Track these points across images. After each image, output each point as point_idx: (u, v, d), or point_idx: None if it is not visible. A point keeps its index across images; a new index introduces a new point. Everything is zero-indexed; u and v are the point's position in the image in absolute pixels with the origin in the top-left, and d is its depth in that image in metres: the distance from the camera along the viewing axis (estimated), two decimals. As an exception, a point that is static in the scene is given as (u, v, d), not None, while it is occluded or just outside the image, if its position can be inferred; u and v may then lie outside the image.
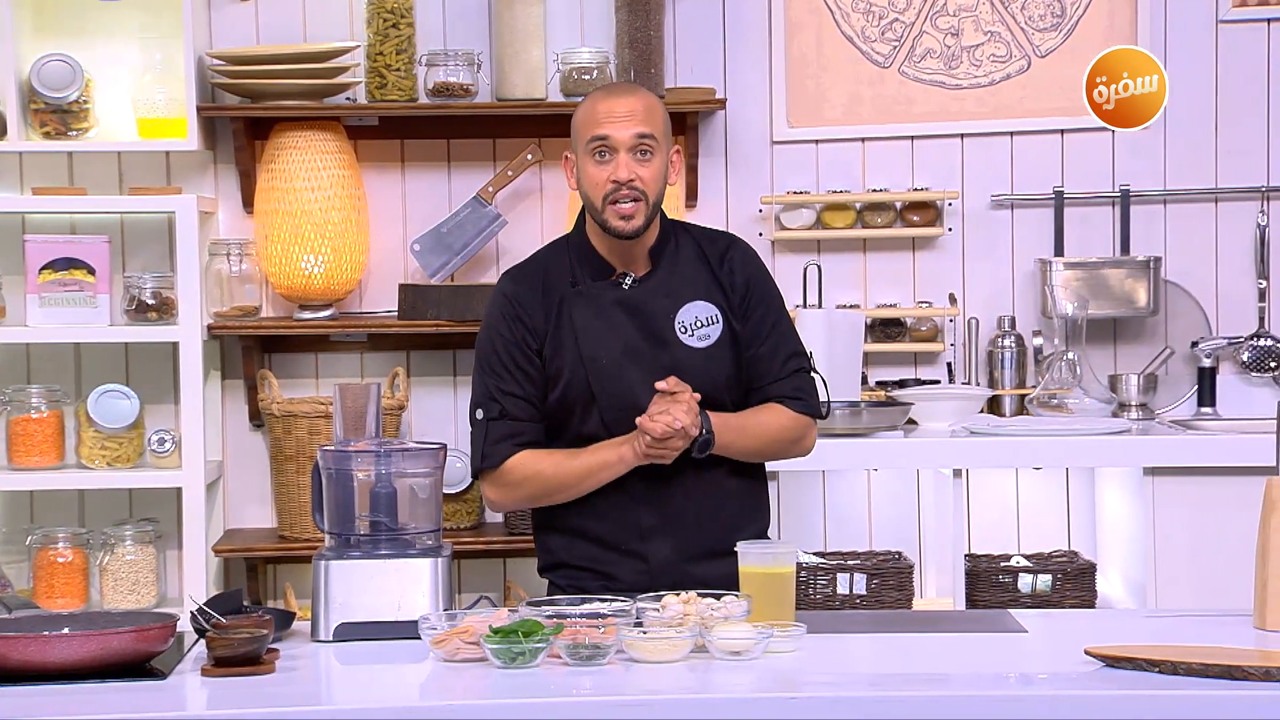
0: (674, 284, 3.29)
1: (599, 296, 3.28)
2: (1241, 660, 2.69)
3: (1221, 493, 4.37)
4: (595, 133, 3.22)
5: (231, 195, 4.87)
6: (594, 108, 3.24)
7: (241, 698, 2.67)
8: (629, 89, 3.28)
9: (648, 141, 3.21)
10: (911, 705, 2.64)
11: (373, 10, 4.74)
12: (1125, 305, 4.88)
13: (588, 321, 3.26)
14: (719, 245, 3.36)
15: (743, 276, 3.33)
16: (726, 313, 3.30)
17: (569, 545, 3.32)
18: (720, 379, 3.28)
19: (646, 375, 3.23)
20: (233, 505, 4.92)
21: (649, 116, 3.23)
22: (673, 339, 3.27)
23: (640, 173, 3.21)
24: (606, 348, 3.25)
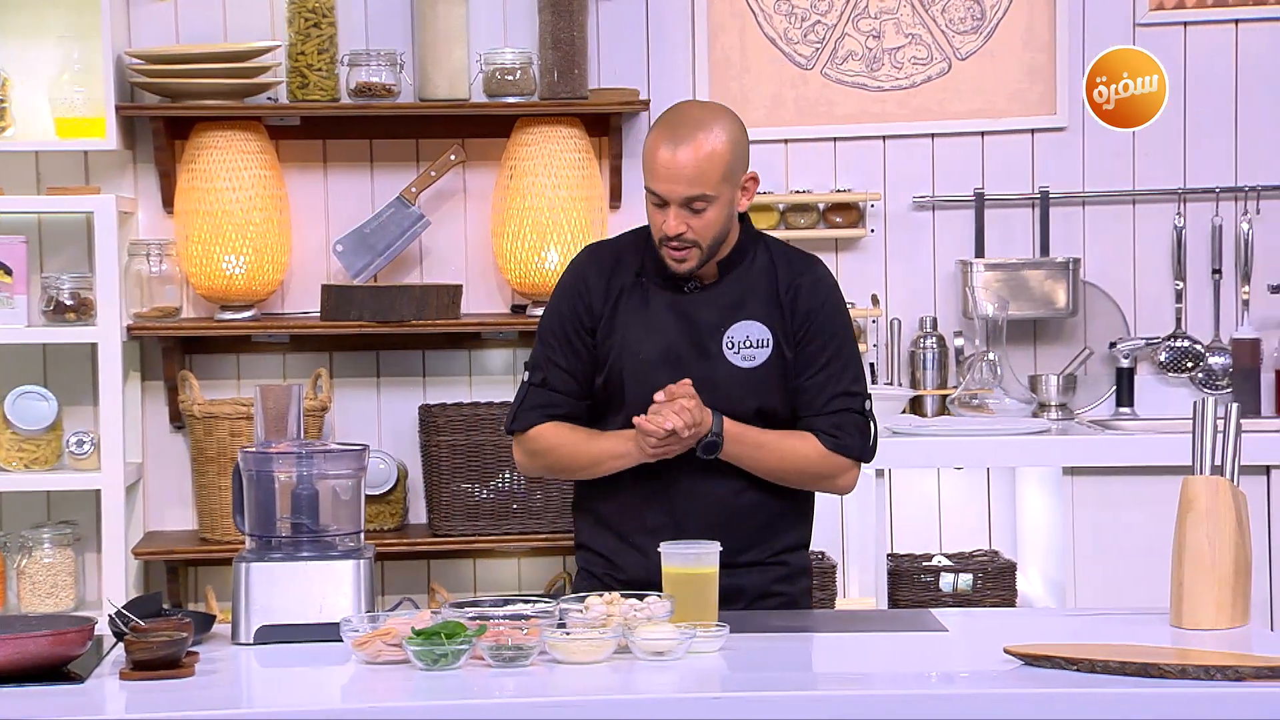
0: (733, 299, 3.29)
1: (655, 295, 3.30)
2: (1158, 658, 2.72)
3: (1139, 492, 4.42)
4: (649, 184, 3.21)
5: (151, 195, 4.83)
6: (655, 152, 3.19)
7: (160, 701, 2.66)
8: (690, 135, 3.17)
9: (698, 202, 3.18)
10: (833, 705, 2.66)
11: (294, 10, 4.72)
12: (1045, 306, 4.92)
13: (636, 317, 3.29)
14: (794, 267, 3.33)
15: (807, 304, 3.30)
16: (779, 336, 3.28)
17: (589, 529, 3.37)
18: (759, 403, 3.28)
19: (676, 380, 3.23)
20: (153, 507, 4.88)
21: (702, 175, 3.16)
22: (717, 353, 3.27)
23: (692, 224, 3.20)
24: (646, 347, 3.28)
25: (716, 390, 3.26)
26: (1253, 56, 4.97)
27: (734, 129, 3.23)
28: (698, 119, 3.21)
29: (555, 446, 3.31)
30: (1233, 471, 3.09)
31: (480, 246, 4.90)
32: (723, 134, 3.20)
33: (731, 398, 3.27)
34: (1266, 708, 2.61)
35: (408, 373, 4.92)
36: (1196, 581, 3.04)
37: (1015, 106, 4.98)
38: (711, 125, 3.19)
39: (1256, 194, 4.96)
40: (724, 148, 3.19)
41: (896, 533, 4.88)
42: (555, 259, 4.69)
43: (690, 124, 3.20)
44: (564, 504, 4.68)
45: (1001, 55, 4.97)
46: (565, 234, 4.69)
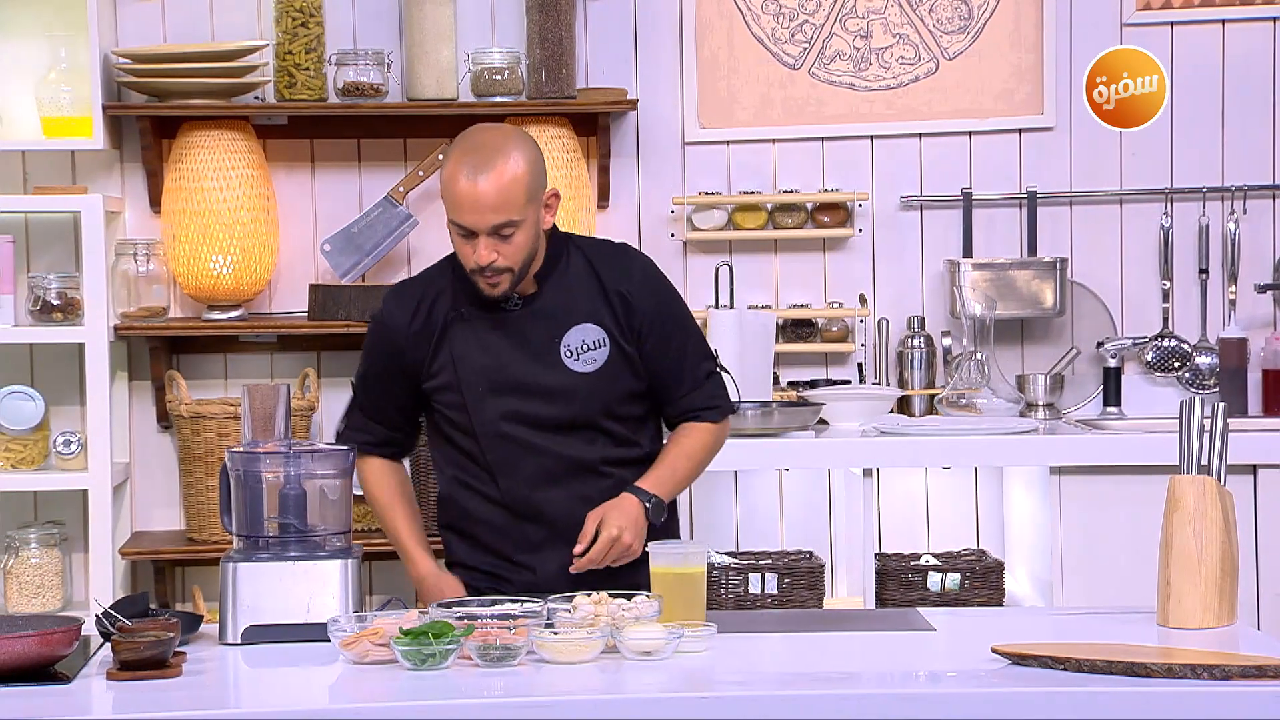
0: (560, 306, 3.28)
1: (479, 321, 3.28)
2: (1145, 657, 2.72)
3: (1126, 491, 4.42)
4: (454, 217, 3.18)
5: (138, 195, 4.82)
6: (456, 183, 3.15)
7: (147, 701, 2.65)
8: (489, 164, 3.14)
9: (506, 229, 3.16)
10: (821, 704, 2.66)
11: (281, 9, 4.71)
12: (1032, 306, 4.92)
13: (467, 349, 3.27)
14: (610, 260, 3.34)
15: (642, 300, 3.30)
16: (614, 334, 3.29)
17: (466, 547, 3.37)
18: (612, 400, 3.30)
19: (521, 399, 3.25)
20: (140, 507, 4.87)
21: (505, 202, 3.14)
22: (558, 363, 3.27)
23: (502, 250, 3.18)
24: (481, 373, 3.27)
25: (570, 401, 3.27)
26: (1240, 56, 4.98)
27: (530, 150, 3.20)
28: (493, 145, 3.17)
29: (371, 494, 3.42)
30: (1219, 471, 3.10)
31: (468, 246, 4.89)
32: (520, 158, 3.17)
33: (581, 404, 3.27)
34: (1252, 707, 2.62)
35: (395, 372, 4.90)
36: (1183, 581, 3.05)
37: (1002, 106, 4.99)
38: (508, 150, 3.16)
39: (1243, 194, 4.97)
40: (523, 171, 3.16)
41: (884, 532, 4.88)
42: (543, 259, 4.68)
43: (487, 151, 3.16)
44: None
45: (989, 55, 4.98)
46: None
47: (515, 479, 3.27)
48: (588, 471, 3.29)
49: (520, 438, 3.26)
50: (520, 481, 3.27)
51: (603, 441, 3.31)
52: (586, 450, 3.29)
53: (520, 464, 3.27)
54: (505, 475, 3.28)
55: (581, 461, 3.29)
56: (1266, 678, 2.66)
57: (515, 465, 3.27)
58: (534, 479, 3.27)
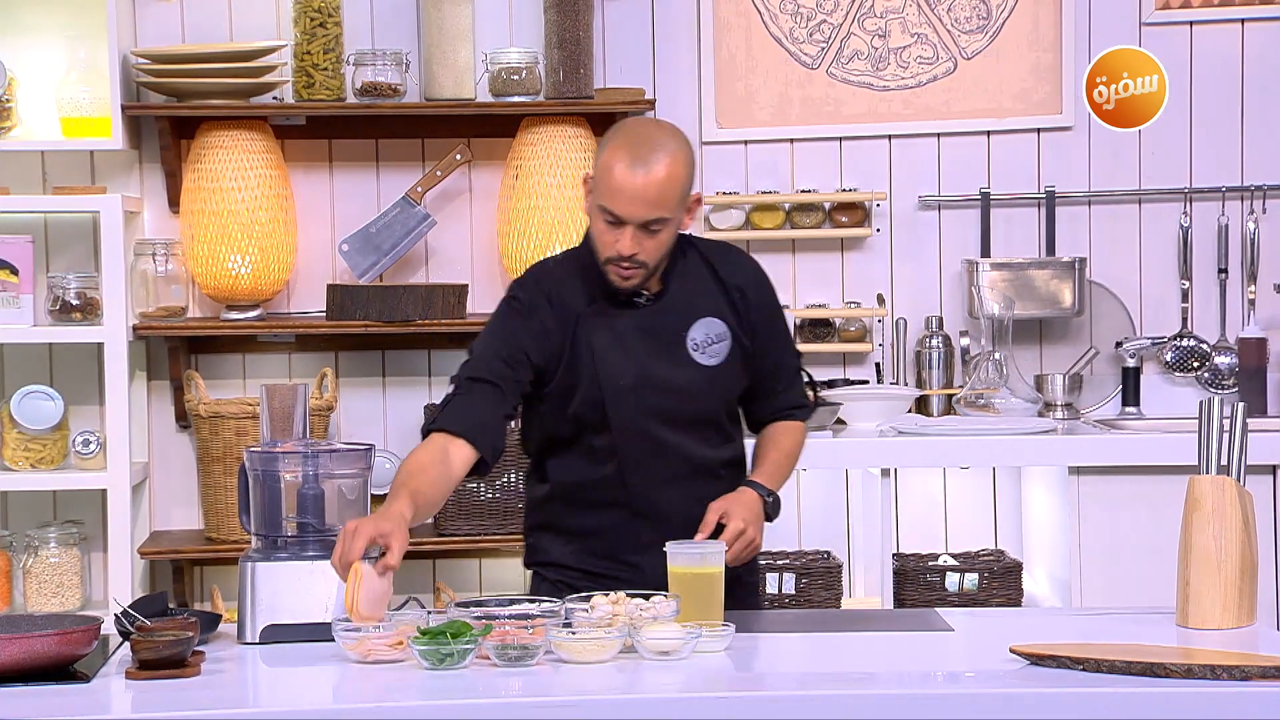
0: (686, 301, 3.32)
1: (616, 318, 3.29)
2: (1164, 658, 2.72)
3: (1145, 492, 4.41)
4: (606, 204, 3.18)
5: (157, 195, 4.83)
6: (612, 171, 3.16)
7: (166, 700, 2.66)
8: (651, 156, 3.16)
9: (655, 225, 3.19)
10: (839, 704, 2.65)
11: (299, 9, 4.72)
12: (1051, 306, 4.91)
13: (604, 343, 3.28)
14: (726, 257, 3.39)
15: (756, 297, 3.37)
16: (735, 328, 3.33)
17: (564, 547, 3.35)
18: (729, 394, 3.36)
19: (660, 395, 3.28)
20: (159, 507, 4.88)
21: (663, 196, 3.16)
22: (686, 358, 3.30)
23: (645, 245, 3.20)
24: (624, 373, 3.28)
25: (695, 395, 3.30)
26: (1258, 56, 4.97)
27: (688, 151, 3.23)
28: (658, 141, 3.19)
29: (409, 457, 3.21)
30: (1239, 471, 3.09)
31: (486, 246, 4.90)
32: (681, 157, 3.19)
33: (708, 399, 3.31)
34: (1272, 708, 2.61)
35: (413, 372, 4.92)
36: (1203, 581, 3.04)
37: (1021, 106, 4.98)
38: (672, 148, 3.19)
39: (1263, 193, 4.96)
40: (683, 171, 3.19)
41: (902, 532, 4.88)
42: (561, 258, 4.69)
43: (651, 145, 3.18)
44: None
45: (1007, 55, 4.97)
46: (570, 233, 4.70)
47: (642, 476, 3.28)
48: (707, 474, 3.33)
49: (656, 434, 3.28)
50: (647, 480, 3.28)
51: (718, 440, 3.35)
52: (707, 450, 3.33)
53: (652, 462, 3.29)
54: (633, 473, 3.28)
55: (703, 461, 3.32)
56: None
57: (647, 464, 3.29)
58: (660, 477, 3.29)
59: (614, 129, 3.26)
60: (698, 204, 3.31)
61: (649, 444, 3.29)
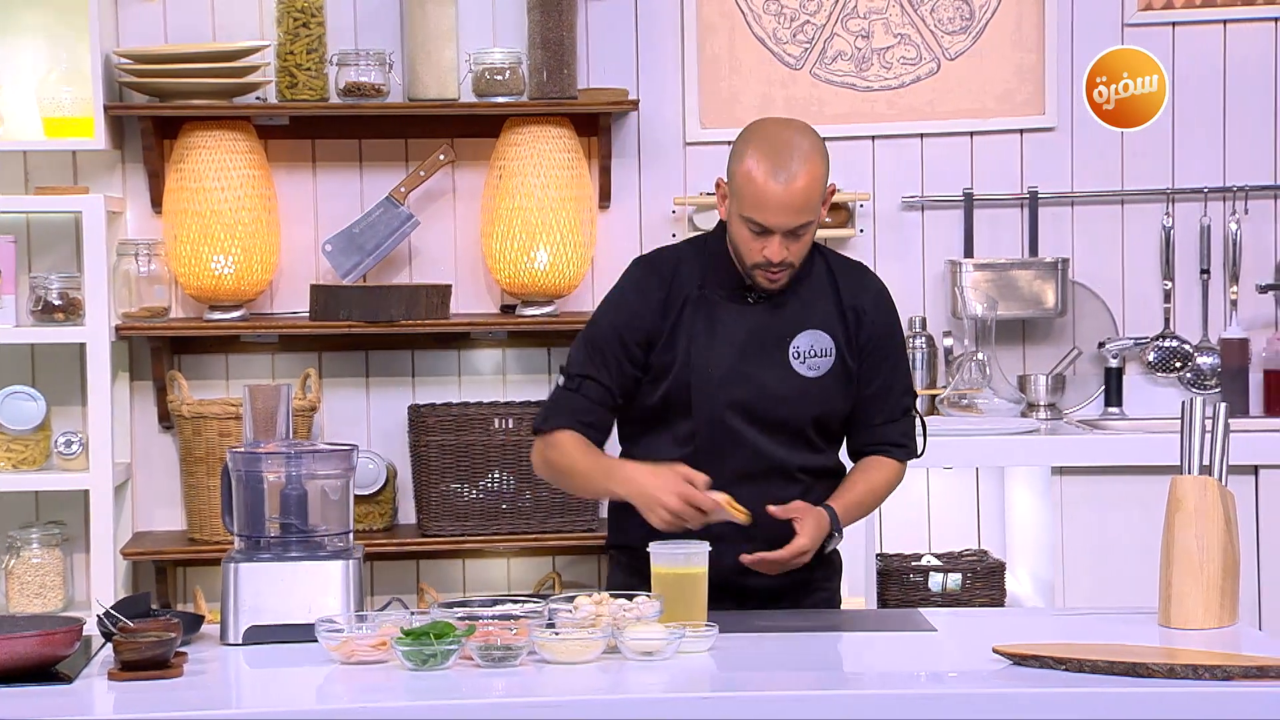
0: (798, 308, 3.32)
1: (721, 306, 3.30)
2: (1146, 658, 2.72)
3: (1128, 492, 4.42)
4: (753, 215, 3.18)
5: (140, 195, 4.82)
6: (762, 183, 3.16)
7: (149, 701, 2.65)
8: (799, 167, 3.16)
9: (802, 229, 3.20)
10: (823, 705, 2.66)
11: (282, 9, 4.71)
12: (1034, 306, 4.92)
13: (703, 329, 3.29)
14: (851, 274, 3.39)
15: (873, 317, 3.35)
16: (842, 346, 3.32)
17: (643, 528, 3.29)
18: (824, 410, 3.34)
19: (747, 392, 3.28)
20: (141, 508, 4.87)
21: (809, 201, 3.18)
22: (783, 363, 3.30)
23: (792, 248, 3.22)
24: (715, 359, 3.29)
25: (785, 403, 3.30)
26: (1241, 57, 4.98)
27: (823, 148, 3.25)
28: (798, 146, 3.19)
29: (565, 461, 3.31)
30: (1221, 471, 3.10)
31: (469, 246, 4.90)
32: (819, 159, 3.21)
33: (796, 407, 3.31)
34: (1254, 708, 2.62)
35: (397, 373, 4.91)
36: (1185, 581, 3.05)
37: (1004, 107, 4.99)
38: (810, 153, 3.20)
39: (1245, 194, 4.97)
40: (822, 171, 3.22)
41: (886, 533, 4.88)
42: (544, 259, 4.69)
43: (792, 152, 3.18)
44: (553, 504, 4.68)
45: (990, 55, 4.97)
46: (554, 234, 4.70)
47: (717, 469, 3.26)
48: (785, 475, 3.32)
49: (735, 429, 3.28)
50: (722, 472, 3.26)
51: (803, 448, 3.34)
52: (788, 454, 3.32)
53: (727, 455, 3.28)
54: (709, 464, 3.26)
55: (781, 464, 3.32)
56: (1268, 678, 2.66)
57: (722, 455, 3.28)
58: (735, 472, 3.27)
59: (747, 135, 3.25)
60: (832, 194, 3.30)
61: (727, 437, 3.29)
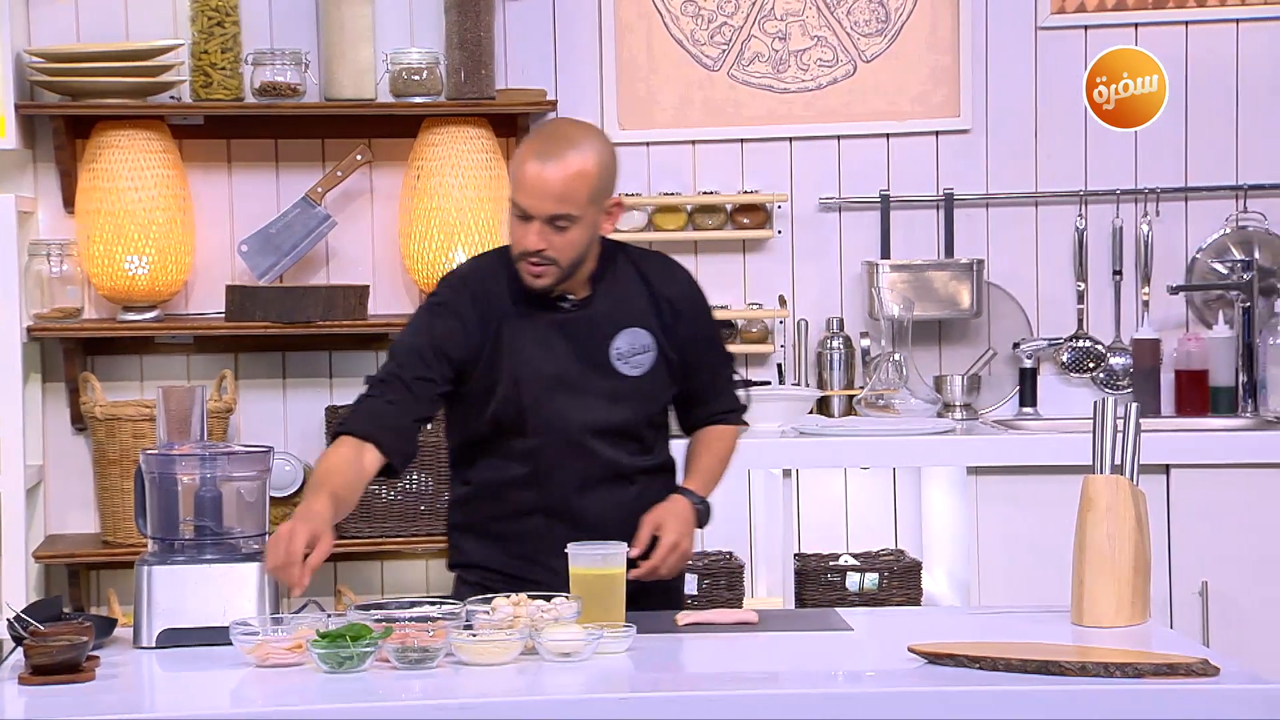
0: (612, 309, 3.32)
1: (539, 319, 3.28)
2: (1059, 655, 2.75)
3: (1042, 491, 4.46)
4: (515, 197, 3.19)
5: (51, 195, 4.77)
6: (525, 166, 3.18)
7: (60, 706, 2.63)
8: (561, 153, 3.17)
9: (562, 220, 3.17)
10: (740, 704, 2.67)
11: (196, 8, 4.68)
12: (949, 307, 4.96)
13: (525, 344, 3.27)
14: (659, 268, 3.41)
15: (681, 300, 3.38)
16: (661, 340, 3.34)
17: (484, 548, 3.35)
18: (654, 406, 3.37)
19: (579, 401, 3.28)
20: (54, 510, 4.82)
21: (567, 194, 3.16)
22: (608, 366, 3.31)
23: (553, 241, 3.19)
24: (542, 373, 3.27)
25: (619, 404, 3.30)
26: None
27: (605, 151, 3.23)
28: (570, 137, 3.21)
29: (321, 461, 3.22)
30: (1132, 470, 3.13)
31: (387, 247, 4.87)
32: (593, 155, 3.20)
33: (629, 408, 3.32)
34: (1165, 705, 2.64)
35: (314, 374, 4.89)
36: (1097, 579, 3.08)
37: (920, 109, 5.02)
38: (583, 145, 3.20)
39: (1156, 196, 5.03)
40: (593, 169, 3.19)
41: (803, 533, 4.90)
42: (463, 259, 4.67)
43: (562, 141, 3.20)
44: (471, 505, 4.67)
45: (906, 58, 5.01)
46: (472, 234, 4.69)
47: (559, 481, 3.28)
48: (623, 479, 3.34)
49: (574, 440, 3.28)
50: (564, 484, 3.29)
51: (637, 449, 3.36)
52: (626, 458, 3.34)
53: (568, 467, 3.29)
54: (550, 477, 3.28)
55: (619, 468, 3.33)
56: (1178, 675, 2.69)
57: (562, 468, 3.29)
58: (577, 483, 3.29)
59: (536, 126, 3.27)
60: (618, 208, 3.30)
61: (566, 448, 3.29)
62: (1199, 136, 5.03)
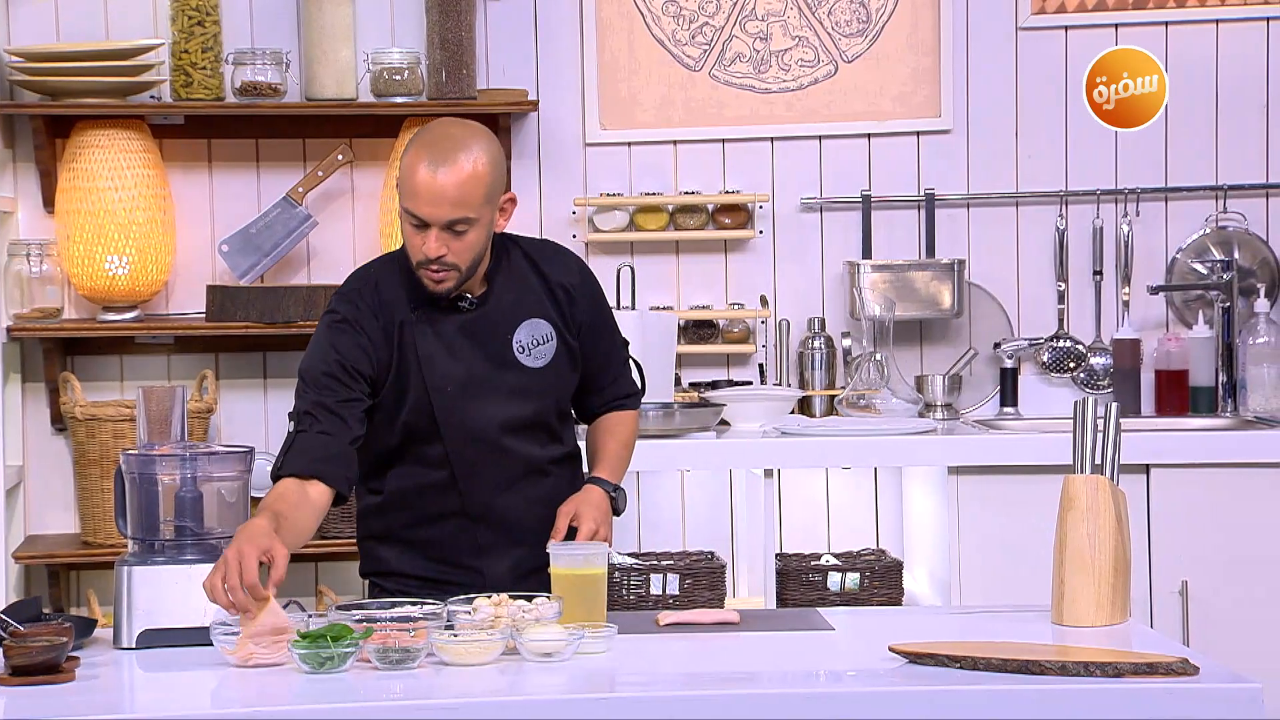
0: (510, 303, 3.30)
1: (440, 322, 3.25)
2: (1039, 655, 2.75)
3: (1023, 491, 4.47)
4: (409, 206, 3.14)
5: (31, 195, 4.76)
6: (414, 173, 3.12)
7: (40, 707, 2.62)
8: (452, 158, 3.11)
9: (460, 225, 3.14)
10: (721, 704, 2.67)
11: (177, 8, 4.67)
12: (931, 307, 4.96)
13: (432, 350, 3.24)
14: (551, 256, 3.38)
15: (575, 286, 3.35)
16: (561, 328, 3.32)
17: (400, 555, 3.33)
18: (560, 395, 3.36)
19: (489, 399, 3.26)
20: (34, 511, 4.81)
21: (465, 196, 3.11)
22: (513, 361, 3.28)
23: (452, 246, 3.15)
24: (451, 377, 3.25)
25: (523, 396, 3.29)
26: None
27: (494, 150, 3.18)
28: (458, 139, 3.14)
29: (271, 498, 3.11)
30: (1113, 470, 3.14)
31: (368, 247, 4.87)
32: (484, 155, 3.14)
33: (537, 400, 3.30)
34: (1144, 704, 2.65)
35: (295, 374, 4.85)
36: (1077, 579, 3.08)
37: (901, 109, 5.02)
38: (472, 146, 3.14)
39: (1136, 196, 5.04)
40: (485, 169, 3.14)
41: (785, 533, 4.90)
42: (443, 260, 4.67)
43: (451, 145, 3.13)
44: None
45: (887, 58, 5.01)
46: (453, 235, 4.68)
47: (477, 482, 3.27)
48: (538, 472, 3.32)
49: (488, 439, 3.26)
50: (482, 485, 3.27)
51: (548, 440, 3.35)
52: (538, 450, 3.32)
53: (484, 467, 3.27)
54: (468, 479, 3.26)
55: (534, 462, 3.32)
56: (1158, 675, 2.70)
57: (478, 468, 3.27)
58: (495, 482, 3.27)
59: (417, 131, 3.22)
60: (512, 204, 3.25)
61: (480, 449, 3.27)
62: (1179, 137, 5.05)
